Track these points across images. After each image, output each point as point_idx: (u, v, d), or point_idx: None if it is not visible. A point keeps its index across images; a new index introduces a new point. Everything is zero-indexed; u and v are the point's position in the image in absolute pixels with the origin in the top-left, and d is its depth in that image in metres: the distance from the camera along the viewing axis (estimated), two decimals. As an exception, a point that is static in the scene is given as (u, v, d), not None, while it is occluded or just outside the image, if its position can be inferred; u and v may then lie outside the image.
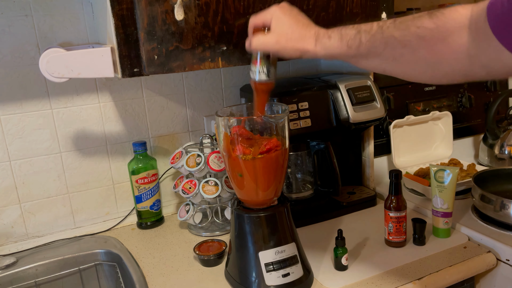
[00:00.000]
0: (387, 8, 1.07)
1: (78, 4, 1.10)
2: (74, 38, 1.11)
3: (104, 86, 1.18)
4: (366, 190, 1.30)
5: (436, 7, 1.53)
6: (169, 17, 0.85)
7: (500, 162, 1.43)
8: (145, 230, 1.22)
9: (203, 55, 0.89)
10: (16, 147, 1.12)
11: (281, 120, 0.85)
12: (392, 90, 1.37)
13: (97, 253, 1.11)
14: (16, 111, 1.10)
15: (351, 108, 1.12)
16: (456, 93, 1.48)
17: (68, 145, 1.17)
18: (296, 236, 0.91)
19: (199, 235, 1.16)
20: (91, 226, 1.23)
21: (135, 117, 1.23)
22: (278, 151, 0.84)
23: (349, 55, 0.69)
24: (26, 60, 1.08)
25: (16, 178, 1.13)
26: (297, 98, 1.10)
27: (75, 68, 0.87)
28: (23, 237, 1.17)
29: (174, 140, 1.29)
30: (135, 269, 1.00)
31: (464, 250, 0.99)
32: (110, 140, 1.22)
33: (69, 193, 1.20)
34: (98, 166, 1.22)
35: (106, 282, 1.12)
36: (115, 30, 0.83)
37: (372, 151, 1.30)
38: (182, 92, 1.27)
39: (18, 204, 1.15)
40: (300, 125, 1.09)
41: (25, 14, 1.06)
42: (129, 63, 0.86)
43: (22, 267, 1.04)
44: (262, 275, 0.85)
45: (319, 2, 0.97)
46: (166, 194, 1.31)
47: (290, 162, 1.20)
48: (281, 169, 0.88)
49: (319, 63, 1.45)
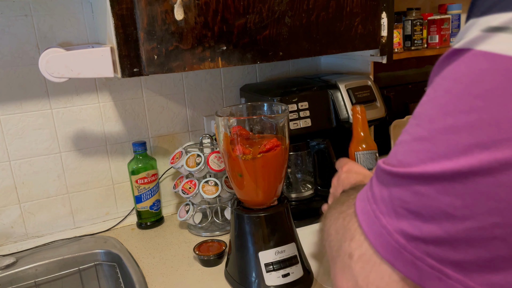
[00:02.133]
0: (387, 8, 1.07)
1: (77, 4, 1.10)
2: (73, 38, 1.11)
3: (104, 86, 1.18)
4: (366, 190, 1.30)
5: (436, 7, 1.53)
6: (169, 17, 0.85)
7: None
8: (145, 230, 1.22)
9: (203, 55, 0.89)
10: (16, 147, 1.12)
11: (281, 120, 0.85)
12: (392, 90, 1.37)
13: (97, 253, 1.10)
14: (16, 111, 1.10)
15: (351, 108, 1.12)
16: (456, 93, 1.48)
17: (68, 145, 1.17)
18: (296, 236, 0.91)
19: (199, 235, 1.16)
20: (91, 226, 1.23)
21: (135, 117, 1.23)
22: (278, 151, 0.84)
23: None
24: (26, 60, 1.08)
25: (16, 178, 1.13)
26: (297, 98, 1.10)
27: (74, 68, 0.87)
28: (23, 237, 1.17)
29: (174, 140, 1.29)
30: (135, 269, 1.00)
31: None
32: (110, 140, 1.21)
33: (69, 193, 1.20)
34: (98, 166, 1.21)
35: (106, 282, 1.12)
36: (115, 30, 0.83)
37: (372, 151, 1.30)
38: (182, 92, 1.27)
39: (17, 204, 1.15)
40: (300, 125, 1.09)
41: (24, 14, 1.06)
42: (129, 63, 0.86)
43: (21, 267, 1.04)
44: (262, 275, 0.85)
45: (319, 2, 0.97)
46: (166, 194, 1.31)
47: (290, 162, 1.20)
48: (281, 169, 0.88)
49: (319, 62, 1.45)
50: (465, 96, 0.32)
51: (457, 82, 0.33)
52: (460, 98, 0.33)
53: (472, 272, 0.33)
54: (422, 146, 0.35)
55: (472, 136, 0.32)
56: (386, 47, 1.10)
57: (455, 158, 0.32)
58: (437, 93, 0.35)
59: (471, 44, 0.33)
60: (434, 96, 0.35)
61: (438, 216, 0.33)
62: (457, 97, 0.33)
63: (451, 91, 0.34)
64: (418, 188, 0.34)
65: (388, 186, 0.37)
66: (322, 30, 1.00)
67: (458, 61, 0.34)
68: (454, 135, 0.33)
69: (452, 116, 0.33)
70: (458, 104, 0.33)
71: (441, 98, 0.34)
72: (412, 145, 0.36)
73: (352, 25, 1.03)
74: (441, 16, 1.43)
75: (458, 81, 0.33)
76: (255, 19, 0.92)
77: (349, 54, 1.27)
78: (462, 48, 0.34)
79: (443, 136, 0.33)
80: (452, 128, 0.33)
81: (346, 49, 1.05)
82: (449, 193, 0.33)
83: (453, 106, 0.33)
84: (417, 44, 1.40)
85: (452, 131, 0.33)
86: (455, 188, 0.32)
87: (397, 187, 0.36)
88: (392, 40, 1.11)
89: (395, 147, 0.39)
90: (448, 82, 0.34)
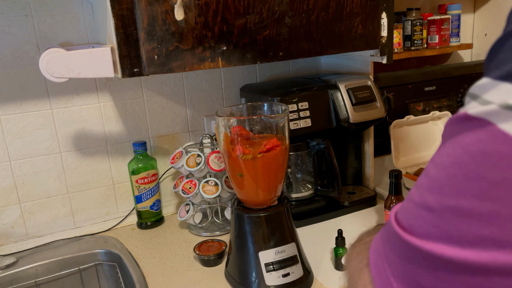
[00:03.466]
0: (387, 8, 1.07)
1: (78, 4, 1.10)
2: (74, 38, 1.11)
3: (104, 86, 1.18)
4: (366, 190, 1.30)
5: (436, 7, 1.53)
6: (169, 17, 0.85)
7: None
8: (145, 230, 1.22)
9: (203, 55, 0.89)
10: (16, 147, 1.12)
11: (281, 120, 0.85)
12: (392, 90, 1.37)
13: (97, 253, 1.11)
14: (16, 111, 1.10)
15: (351, 108, 1.12)
16: (456, 93, 1.48)
17: (68, 145, 1.17)
18: (296, 236, 0.91)
19: (199, 235, 1.16)
20: (91, 226, 1.23)
21: (135, 117, 1.23)
22: (278, 151, 0.84)
23: None
24: (26, 60, 1.08)
25: (16, 178, 1.13)
26: (297, 98, 1.10)
27: (75, 68, 0.87)
28: (23, 237, 1.17)
29: (174, 140, 1.29)
30: (135, 269, 1.00)
31: (464, 250, 0.99)
32: (110, 140, 1.22)
33: (69, 193, 1.20)
34: (98, 166, 1.22)
35: (106, 282, 1.12)
36: (115, 30, 0.83)
37: (372, 151, 1.30)
38: (182, 92, 1.27)
39: (18, 204, 1.15)
40: (300, 125, 1.09)
41: (25, 14, 1.06)
42: (129, 63, 0.86)
43: (22, 267, 1.04)
44: (262, 275, 0.85)
45: (319, 2, 0.97)
46: (166, 194, 1.31)
47: (290, 162, 1.20)
48: (281, 169, 0.88)
49: (319, 63, 1.45)
50: (479, 179, 0.29)
51: (471, 158, 0.30)
52: (474, 180, 0.30)
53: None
54: (431, 218, 0.32)
55: (485, 228, 0.28)
56: (386, 47, 1.10)
57: (465, 247, 0.29)
58: (449, 159, 0.32)
59: (489, 117, 0.29)
60: (447, 163, 0.32)
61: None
62: (470, 177, 0.30)
63: (463, 165, 0.30)
64: (429, 268, 0.32)
65: (398, 252, 0.35)
66: (322, 30, 1.00)
67: (473, 133, 0.30)
68: (464, 220, 0.30)
69: (463, 196, 0.30)
70: (471, 185, 0.30)
71: (453, 168, 0.31)
72: (421, 212, 0.33)
73: (352, 25, 1.03)
74: (441, 16, 1.43)
75: (472, 157, 0.30)
76: (255, 19, 0.92)
77: (349, 54, 1.27)
78: (479, 117, 0.30)
79: (452, 216, 0.30)
80: (462, 212, 0.30)
81: (346, 49, 1.05)
82: (461, 283, 0.30)
83: (465, 184, 0.30)
84: (417, 44, 1.40)
85: (462, 215, 0.30)
86: (467, 281, 0.30)
87: (407, 258, 0.34)
88: (392, 40, 1.11)
89: (408, 200, 0.36)
90: (461, 153, 0.31)
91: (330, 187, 1.17)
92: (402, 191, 1.03)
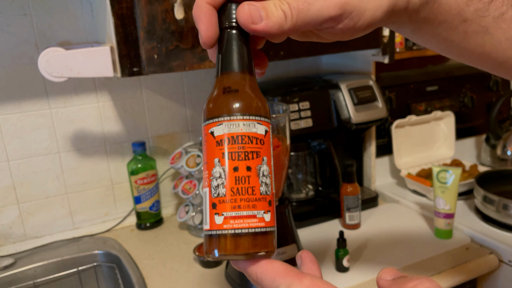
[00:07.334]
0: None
1: (77, 3, 1.09)
2: (73, 37, 1.11)
3: (103, 86, 1.17)
4: (368, 191, 1.29)
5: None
6: (169, 16, 0.84)
7: (502, 163, 1.42)
8: (144, 231, 1.21)
9: (203, 54, 0.89)
10: (15, 147, 1.11)
11: (282, 120, 0.84)
12: (394, 90, 1.36)
13: (96, 254, 1.10)
14: (15, 111, 1.10)
15: (352, 108, 1.11)
16: (458, 93, 1.47)
17: (67, 145, 1.16)
18: (297, 237, 0.90)
19: (199, 236, 1.15)
20: (90, 227, 1.22)
21: (134, 117, 1.22)
22: (278, 151, 0.84)
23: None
24: (25, 59, 1.08)
25: (15, 179, 1.12)
26: (298, 98, 1.09)
27: (74, 67, 0.87)
28: (22, 238, 1.16)
29: (173, 140, 1.28)
30: (134, 271, 1.00)
31: (466, 252, 0.98)
32: (109, 140, 1.21)
33: (68, 193, 1.19)
34: (97, 166, 1.21)
35: (105, 283, 1.11)
36: (115, 29, 0.83)
37: (374, 152, 1.29)
38: (182, 92, 1.26)
39: (16, 205, 1.14)
40: (301, 125, 1.08)
41: (24, 13, 1.05)
42: (129, 62, 0.85)
43: (20, 268, 1.03)
44: (263, 277, 0.85)
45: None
46: (166, 195, 1.30)
47: (291, 163, 1.19)
48: (282, 169, 0.87)
49: (320, 62, 1.44)
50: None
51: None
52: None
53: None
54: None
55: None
56: (387, 46, 1.09)
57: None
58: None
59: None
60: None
61: None
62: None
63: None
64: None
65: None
66: (323, 30, 0.99)
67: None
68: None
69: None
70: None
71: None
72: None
73: (354, 25, 1.02)
74: (443, 15, 1.42)
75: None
76: (256, 18, 0.91)
77: (351, 53, 1.26)
78: None
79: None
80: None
81: (348, 49, 1.04)
82: None
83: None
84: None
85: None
86: None
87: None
88: (394, 39, 1.10)
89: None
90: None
91: (331, 188, 1.17)
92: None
